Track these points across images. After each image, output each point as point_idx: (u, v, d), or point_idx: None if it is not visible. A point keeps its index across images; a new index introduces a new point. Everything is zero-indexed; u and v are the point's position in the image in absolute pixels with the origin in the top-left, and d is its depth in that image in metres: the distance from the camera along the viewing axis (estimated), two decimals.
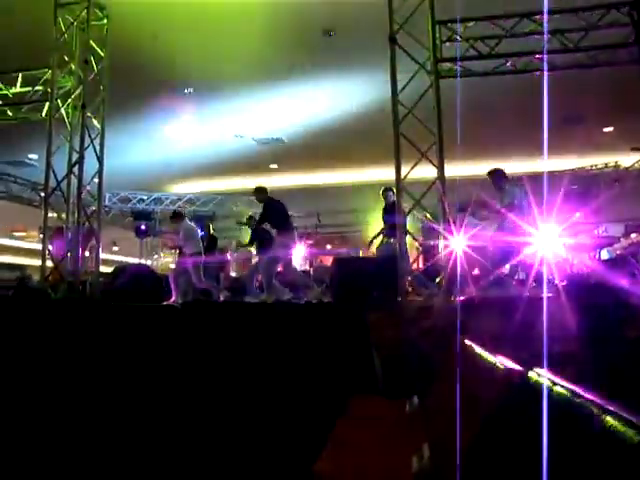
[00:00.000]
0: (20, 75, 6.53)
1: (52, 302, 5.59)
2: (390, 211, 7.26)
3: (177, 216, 8.01)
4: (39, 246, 6.37)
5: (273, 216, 7.05)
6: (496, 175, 6.25)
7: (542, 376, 1.49)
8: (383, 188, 7.52)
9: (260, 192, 7.22)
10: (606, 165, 11.43)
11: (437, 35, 5.09)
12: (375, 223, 8.02)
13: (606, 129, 10.15)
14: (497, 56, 5.26)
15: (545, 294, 5.39)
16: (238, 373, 4.23)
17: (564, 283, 6.35)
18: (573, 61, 5.19)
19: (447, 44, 5.24)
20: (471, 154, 10.78)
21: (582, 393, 1.22)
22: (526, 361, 1.71)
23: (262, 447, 3.24)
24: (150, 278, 7.01)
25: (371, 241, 8.09)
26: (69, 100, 6.32)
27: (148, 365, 4.41)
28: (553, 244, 6.96)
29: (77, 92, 6.20)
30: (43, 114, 6.27)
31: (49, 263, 5.95)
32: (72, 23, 6.13)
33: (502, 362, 1.82)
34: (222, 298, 7.47)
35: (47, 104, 6.19)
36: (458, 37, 5.20)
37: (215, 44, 7.12)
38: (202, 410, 3.84)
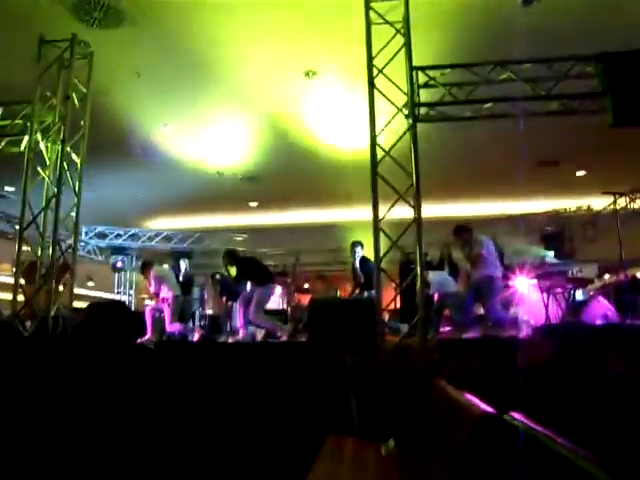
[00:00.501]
0: (1, 109, 6.50)
1: (22, 338, 5.45)
2: (361, 267, 7.43)
3: (145, 266, 7.96)
4: (11, 280, 6.22)
5: (247, 274, 7.12)
6: (462, 232, 6.28)
7: (517, 419, 1.49)
8: (351, 242, 7.64)
9: (230, 256, 7.26)
10: (579, 208, 11.74)
11: (415, 80, 5.23)
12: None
13: (579, 173, 10.46)
14: (473, 102, 5.41)
15: (521, 335, 5.44)
16: (212, 413, 4.15)
17: (539, 324, 6.42)
18: (546, 108, 5.37)
19: (426, 89, 5.38)
20: (448, 195, 11.01)
21: (556, 437, 1.22)
22: (502, 402, 1.71)
23: None
24: (124, 316, 6.90)
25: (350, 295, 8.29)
26: (49, 134, 6.29)
27: (119, 405, 4.30)
28: (528, 286, 7.06)
29: (57, 127, 6.18)
30: (22, 147, 6.22)
31: (21, 298, 5.81)
32: (56, 60, 6.16)
33: (477, 404, 1.81)
34: (197, 336, 7.38)
35: (26, 137, 6.15)
36: (435, 83, 5.35)
37: (195, 82, 7.23)
38: (175, 450, 3.74)
